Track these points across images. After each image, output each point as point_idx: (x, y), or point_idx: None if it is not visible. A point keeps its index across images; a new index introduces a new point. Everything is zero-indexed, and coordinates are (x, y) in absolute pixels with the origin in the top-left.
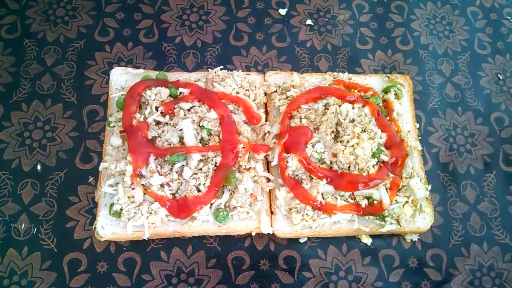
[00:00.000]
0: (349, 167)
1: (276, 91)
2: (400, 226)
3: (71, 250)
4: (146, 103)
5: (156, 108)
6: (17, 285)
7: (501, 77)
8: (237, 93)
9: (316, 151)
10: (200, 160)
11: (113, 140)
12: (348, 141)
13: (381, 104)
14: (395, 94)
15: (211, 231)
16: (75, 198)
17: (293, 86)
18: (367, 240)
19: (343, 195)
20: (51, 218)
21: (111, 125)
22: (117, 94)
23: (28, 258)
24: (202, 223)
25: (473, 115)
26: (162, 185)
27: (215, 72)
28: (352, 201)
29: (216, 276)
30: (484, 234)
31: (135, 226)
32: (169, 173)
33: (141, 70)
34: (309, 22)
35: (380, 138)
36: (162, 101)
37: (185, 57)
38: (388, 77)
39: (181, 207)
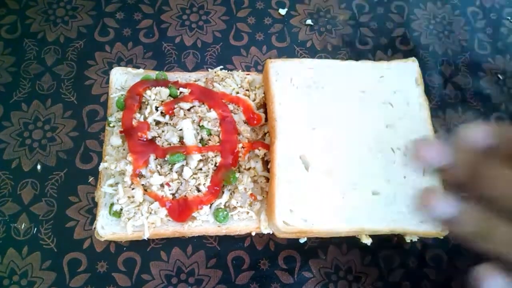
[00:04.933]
0: None
1: None
2: None
3: (71, 250)
4: (146, 103)
5: (156, 108)
6: (17, 285)
7: (501, 77)
8: (237, 93)
9: None
10: (200, 160)
11: (113, 140)
12: None
13: None
14: None
15: (211, 231)
16: (75, 198)
17: None
18: (367, 240)
19: None
20: (51, 218)
21: (111, 125)
22: (117, 94)
23: (28, 258)
24: (202, 223)
25: (473, 115)
26: (162, 185)
27: (215, 72)
28: None
29: (216, 276)
30: None
31: (135, 226)
32: (169, 173)
33: (141, 70)
34: (309, 22)
35: None
36: (162, 101)
37: (185, 57)
38: None
39: (181, 207)
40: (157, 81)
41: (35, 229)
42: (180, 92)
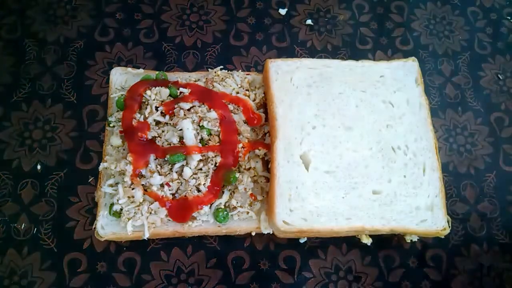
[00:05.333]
0: None
1: None
2: None
3: (71, 250)
4: (146, 103)
5: (156, 108)
6: (17, 285)
7: (501, 77)
8: (237, 93)
9: None
10: (200, 160)
11: (113, 140)
12: None
13: None
14: None
15: (211, 231)
16: (75, 198)
17: None
18: (367, 240)
19: None
20: (51, 218)
21: (111, 125)
22: (117, 94)
23: (28, 258)
24: (202, 223)
25: (473, 115)
26: (162, 185)
27: (215, 72)
28: None
29: (216, 276)
30: (484, 234)
31: (135, 226)
32: (169, 173)
33: (141, 70)
34: (309, 22)
35: None
36: (162, 101)
37: (185, 57)
38: None
39: (181, 207)
40: (157, 81)
41: (35, 229)
42: (180, 92)
